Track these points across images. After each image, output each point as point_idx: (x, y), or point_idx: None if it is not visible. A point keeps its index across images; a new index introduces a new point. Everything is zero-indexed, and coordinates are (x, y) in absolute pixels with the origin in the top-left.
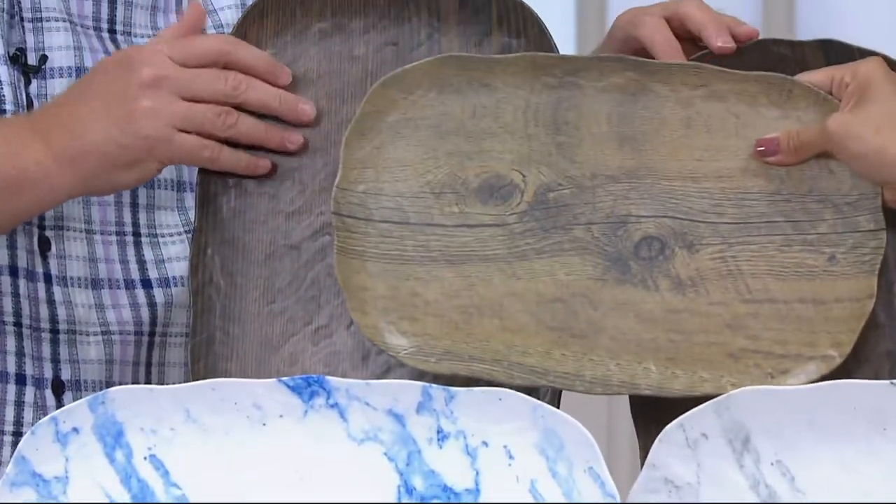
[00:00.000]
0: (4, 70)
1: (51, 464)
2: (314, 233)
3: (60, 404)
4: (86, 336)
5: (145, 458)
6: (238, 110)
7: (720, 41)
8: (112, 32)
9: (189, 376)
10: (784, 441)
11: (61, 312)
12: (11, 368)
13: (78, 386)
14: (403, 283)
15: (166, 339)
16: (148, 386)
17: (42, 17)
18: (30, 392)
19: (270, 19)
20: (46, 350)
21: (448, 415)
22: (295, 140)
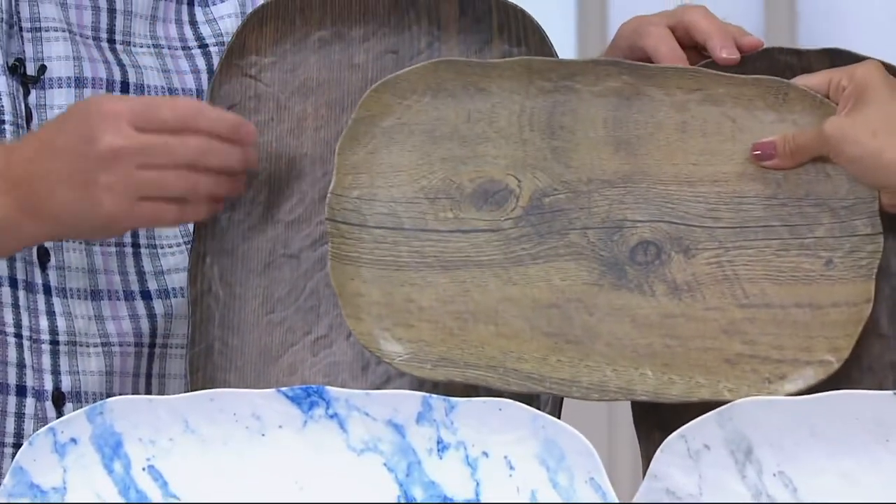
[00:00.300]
0: (3, 81)
1: (49, 475)
2: (313, 242)
3: (61, 416)
4: (86, 347)
5: (144, 469)
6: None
7: (725, 52)
8: (111, 42)
9: (189, 388)
10: (786, 452)
11: (61, 324)
12: (12, 380)
13: (78, 397)
14: (398, 290)
15: (166, 351)
16: (146, 396)
17: (41, 27)
18: (30, 404)
19: (270, 27)
20: (47, 361)
21: (448, 425)
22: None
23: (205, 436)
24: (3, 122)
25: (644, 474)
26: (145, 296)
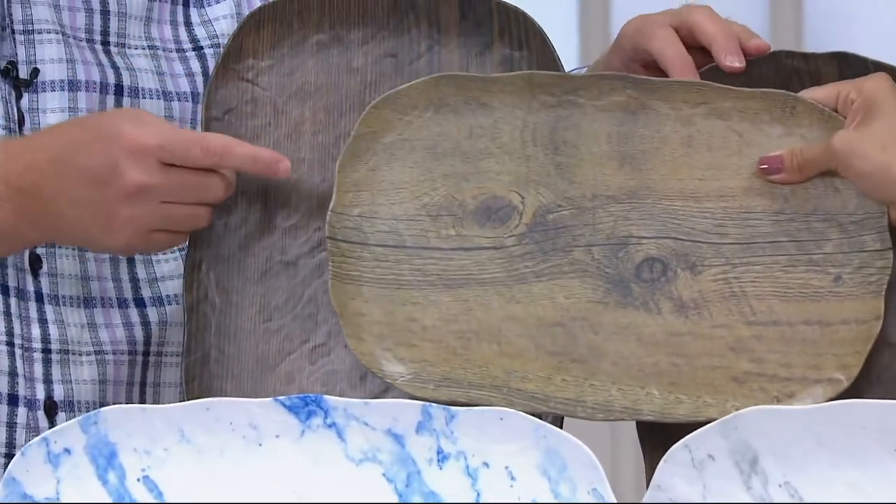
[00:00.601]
0: None
1: (42, 486)
2: (311, 249)
3: (53, 425)
4: (78, 356)
5: (139, 480)
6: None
7: (728, 60)
8: (105, 45)
9: (184, 397)
10: (792, 462)
11: (53, 332)
12: (3, 389)
13: (71, 407)
14: (400, 309)
15: (161, 359)
16: (141, 405)
17: (34, 30)
18: (22, 413)
19: (267, 30)
20: (38, 370)
21: (448, 435)
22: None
23: (201, 446)
24: None
25: (648, 485)
26: (139, 303)
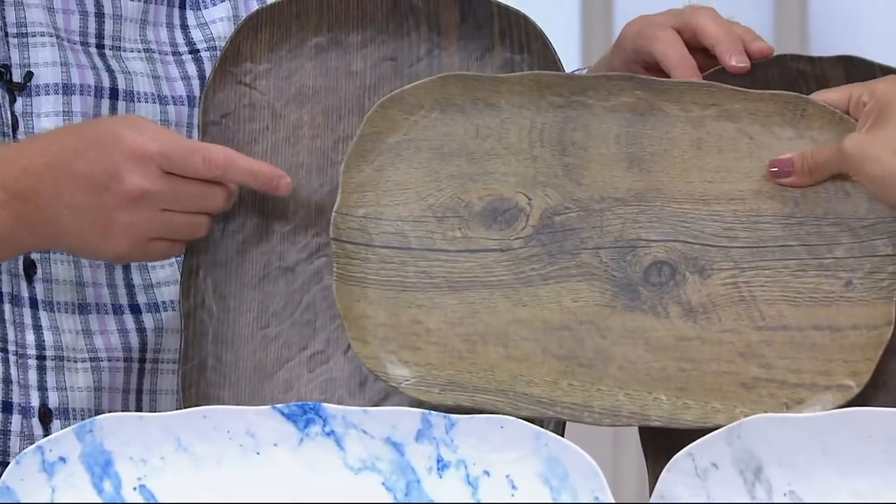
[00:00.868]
0: None
1: (37, 494)
2: (310, 254)
3: (48, 433)
4: (73, 363)
5: (135, 489)
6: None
7: (734, 60)
8: (100, 48)
9: (181, 405)
10: (797, 470)
11: (48, 338)
12: None
13: (66, 414)
14: (405, 311)
15: (157, 366)
16: (137, 413)
17: (27, 33)
18: (16, 420)
19: (265, 34)
20: (33, 377)
21: (448, 443)
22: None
23: (197, 454)
24: None
25: (650, 493)
26: (134, 309)
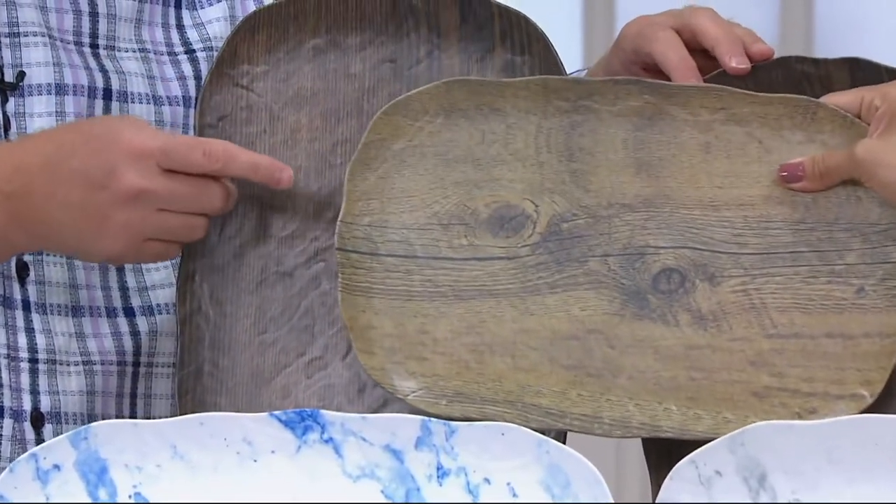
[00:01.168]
0: None
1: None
2: (308, 259)
3: (40, 437)
4: (66, 366)
5: (130, 497)
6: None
7: (734, 62)
8: (94, 47)
9: (176, 409)
10: (802, 478)
11: (40, 341)
12: None
13: (58, 418)
14: (411, 321)
15: (152, 370)
16: (133, 420)
17: (20, 32)
18: (7, 425)
19: (262, 35)
20: (25, 380)
21: (448, 450)
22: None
23: (194, 462)
24: None
25: (653, 501)
26: (128, 312)
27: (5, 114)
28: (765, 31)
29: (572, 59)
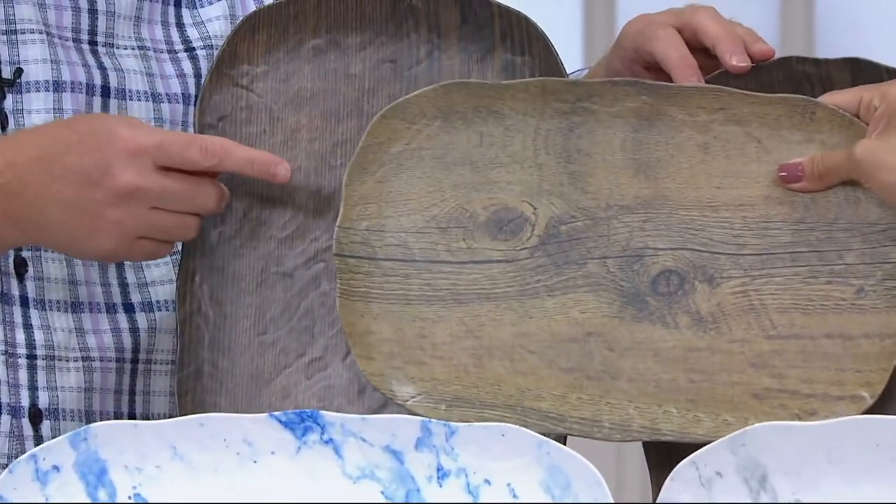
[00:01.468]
0: None
1: None
2: (308, 260)
3: (38, 434)
4: (65, 362)
5: (130, 498)
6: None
7: (735, 60)
8: (93, 44)
9: (175, 406)
10: (802, 479)
11: (39, 337)
12: None
13: (56, 415)
14: (409, 325)
15: (150, 367)
16: (132, 421)
17: (17, 30)
18: (5, 421)
19: (262, 35)
20: (23, 376)
21: (448, 451)
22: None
23: (194, 462)
24: None
25: (654, 502)
26: (128, 308)
27: (3, 110)
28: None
29: (572, 59)
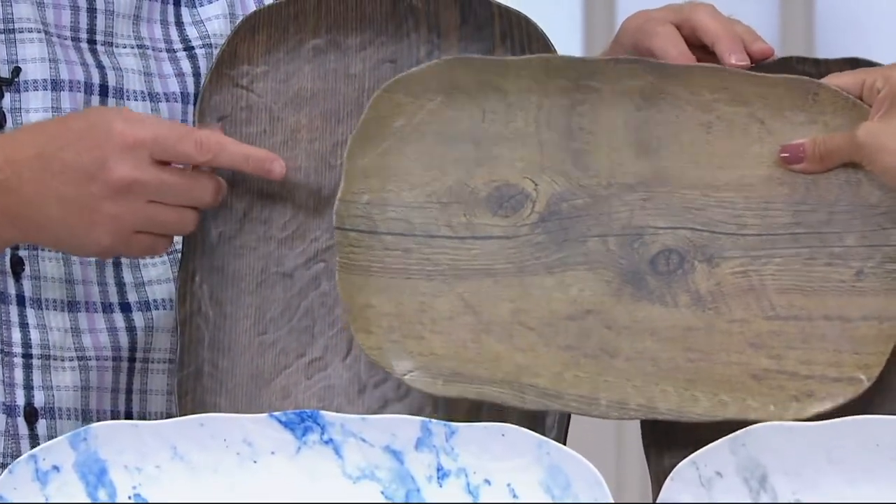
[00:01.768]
0: None
1: None
2: (308, 260)
3: (34, 433)
4: (61, 361)
5: (129, 498)
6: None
7: (734, 58)
8: (92, 43)
9: (173, 405)
10: (803, 479)
11: (35, 336)
12: None
13: (52, 414)
14: (409, 299)
15: (147, 366)
16: (132, 422)
17: (15, 28)
18: (1, 420)
19: (262, 35)
20: (19, 376)
21: (448, 451)
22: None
23: (194, 463)
24: None
25: (654, 501)
26: (125, 308)
27: (1, 109)
28: (765, 30)
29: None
